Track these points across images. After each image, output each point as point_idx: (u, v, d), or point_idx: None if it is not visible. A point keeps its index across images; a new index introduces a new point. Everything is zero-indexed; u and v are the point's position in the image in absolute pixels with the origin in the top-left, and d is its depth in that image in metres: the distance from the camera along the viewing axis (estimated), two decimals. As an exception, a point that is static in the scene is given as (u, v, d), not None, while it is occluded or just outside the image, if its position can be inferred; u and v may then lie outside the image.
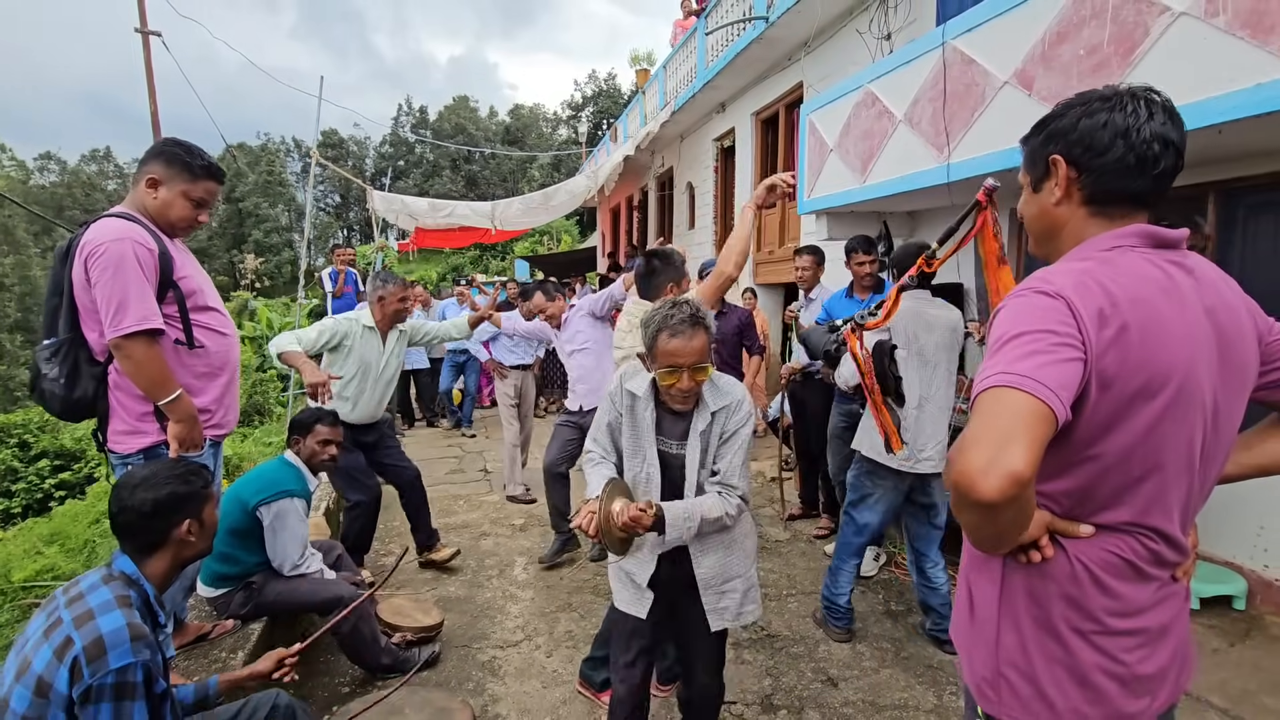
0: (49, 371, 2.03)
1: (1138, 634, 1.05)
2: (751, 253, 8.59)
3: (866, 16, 5.88)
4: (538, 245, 25.57)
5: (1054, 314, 0.96)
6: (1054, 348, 0.93)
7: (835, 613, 3.11)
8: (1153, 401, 0.97)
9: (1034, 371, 0.90)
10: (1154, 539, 1.03)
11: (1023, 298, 1.01)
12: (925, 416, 2.87)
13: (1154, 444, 0.99)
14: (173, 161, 2.15)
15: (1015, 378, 0.90)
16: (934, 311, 2.92)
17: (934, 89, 3.87)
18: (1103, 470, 1.00)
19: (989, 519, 0.92)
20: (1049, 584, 1.05)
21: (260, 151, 46.17)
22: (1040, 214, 1.17)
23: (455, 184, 44.25)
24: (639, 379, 1.95)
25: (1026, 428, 0.87)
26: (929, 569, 3.06)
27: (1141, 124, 1.04)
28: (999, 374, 0.92)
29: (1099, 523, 1.03)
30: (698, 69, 9.16)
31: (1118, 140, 1.05)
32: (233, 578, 2.59)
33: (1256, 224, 3.42)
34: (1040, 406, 0.88)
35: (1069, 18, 2.99)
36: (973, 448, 0.88)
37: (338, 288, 8.07)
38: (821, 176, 5.20)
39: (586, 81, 50.36)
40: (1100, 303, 0.96)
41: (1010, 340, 0.96)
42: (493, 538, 4.53)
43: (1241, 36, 2.35)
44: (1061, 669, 1.05)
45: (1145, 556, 1.03)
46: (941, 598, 3.05)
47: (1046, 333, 0.94)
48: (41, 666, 1.33)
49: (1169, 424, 0.98)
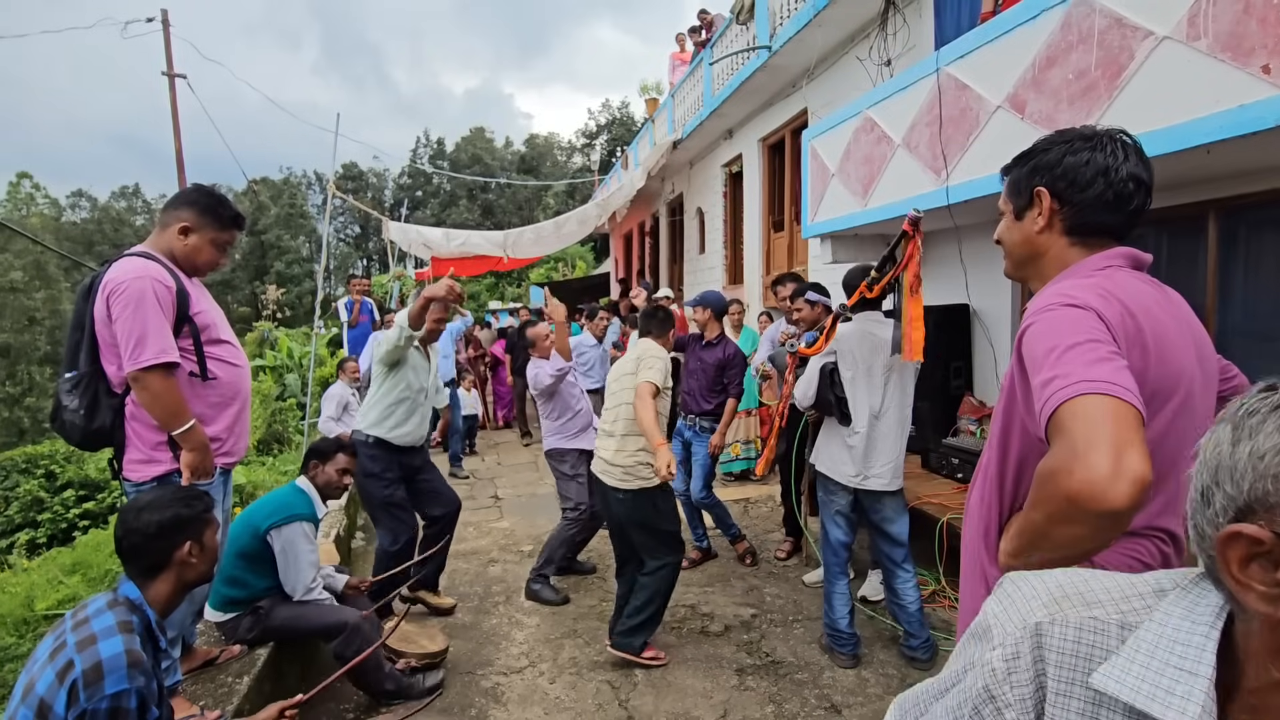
0: (69, 403, 2.13)
1: None
2: (761, 277, 8.66)
3: (867, 44, 5.99)
4: (553, 271, 25.84)
5: (1092, 323, 0.99)
6: (1112, 355, 0.95)
7: (838, 639, 3.10)
8: (1167, 405, 1.02)
9: (1112, 377, 0.91)
10: (1165, 541, 1.06)
11: (1055, 311, 1.03)
12: (877, 434, 2.95)
13: (1170, 445, 1.02)
14: (205, 211, 2.30)
15: (1100, 385, 0.90)
16: (884, 333, 2.99)
17: (930, 114, 3.93)
18: None
19: (1106, 528, 0.90)
20: None
21: (283, 185, 47.39)
22: (1023, 240, 1.23)
23: (472, 213, 45.03)
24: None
25: (1134, 431, 0.87)
26: (897, 584, 3.10)
27: (1120, 164, 1.12)
28: (1082, 382, 0.91)
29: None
30: (704, 97, 9.34)
31: (1099, 178, 1.12)
32: (241, 601, 2.64)
33: (1260, 241, 3.40)
34: (1135, 411, 0.89)
35: (1057, 43, 3.05)
36: (1091, 455, 0.86)
37: (353, 317, 8.23)
38: (824, 201, 5.27)
39: (600, 110, 51.19)
40: (1120, 312, 1.01)
41: (1068, 350, 0.96)
42: (500, 564, 4.55)
43: (1223, 59, 2.38)
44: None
45: (1158, 559, 1.06)
46: (909, 614, 3.07)
47: (1097, 342, 0.96)
48: (44, 689, 1.38)
49: (1180, 425, 1.03)
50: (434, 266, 11.96)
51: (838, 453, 3.01)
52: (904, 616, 3.11)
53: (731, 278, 10.14)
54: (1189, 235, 3.57)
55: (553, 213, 38.09)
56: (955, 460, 4.37)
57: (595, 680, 3.05)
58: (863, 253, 5.43)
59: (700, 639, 3.39)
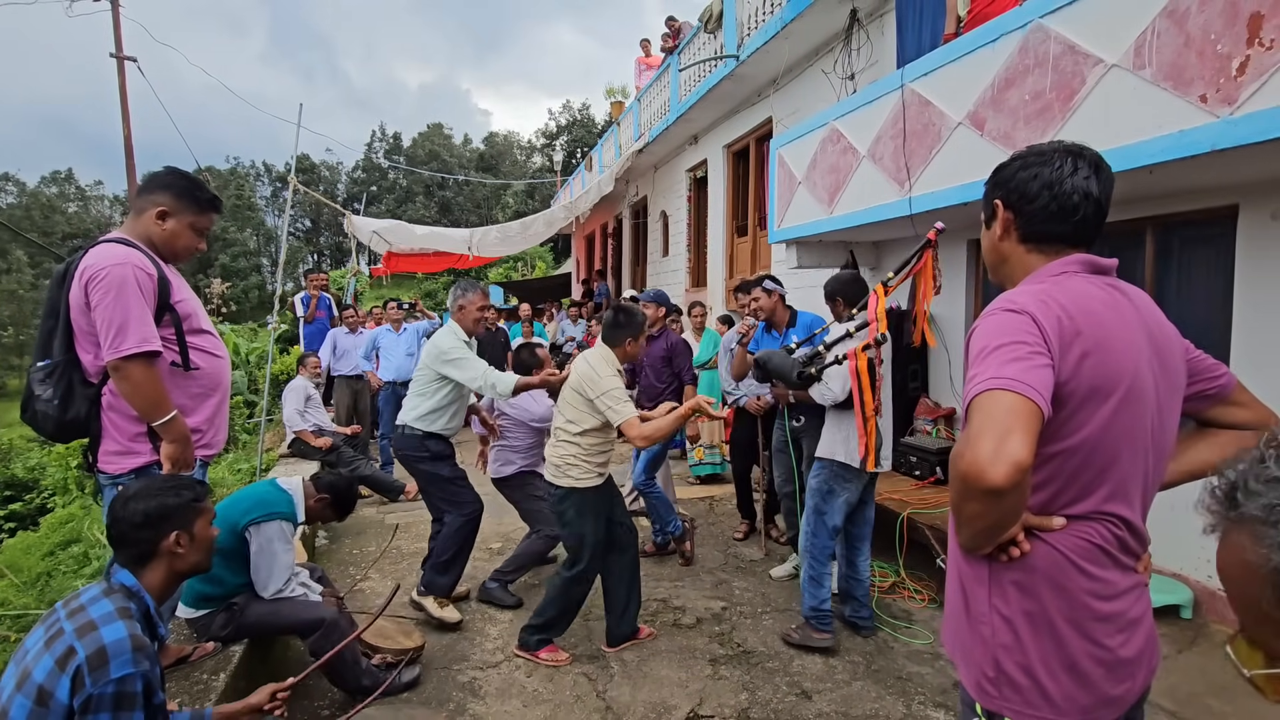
0: (42, 393, 2.06)
1: (1118, 619, 1.15)
2: (725, 280, 8.82)
3: (831, 58, 6.20)
4: (512, 271, 25.65)
5: (1022, 327, 1.11)
6: (1030, 355, 1.07)
7: (823, 618, 3.21)
8: (1108, 400, 1.12)
9: (1019, 375, 1.04)
10: (1118, 525, 1.16)
11: (994, 316, 1.17)
12: (884, 424, 3.15)
13: (1111, 438, 1.13)
14: (183, 195, 2.24)
15: (1004, 380, 1.04)
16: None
17: (894, 127, 4.11)
18: (1069, 463, 1.14)
19: (994, 505, 1.03)
20: (1034, 575, 1.15)
21: (229, 175, 45.66)
22: (990, 247, 1.37)
23: (429, 210, 44.25)
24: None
25: (1022, 422, 1.00)
26: (859, 561, 3.39)
27: (1065, 178, 1.23)
28: (989, 379, 1.06)
29: (1070, 514, 1.15)
30: (671, 102, 9.47)
31: (1044, 191, 1.24)
32: (216, 598, 2.59)
33: (1191, 256, 3.69)
34: (1029, 404, 1.02)
35: (1015, 65, 3.25)
36: (978, 441, 1.00)
37: (309, 312, 8.05)
38: (790, 208, 5.43)
39: (561, 111, 51.03)
40: (1058, 315, 1.12)
41: (992, 351, 1.10)
42: (471, 561, 4.53)
43: (1165, 88, 2.59)
44: (1054, 658, 1.15)
45: (1113, 542, 1.16)
46: (864, 588, 3.40)
47: (1019, 344, 1.09)
48: (43, 676, 1.36)
49: (1123, 419, 1.13)
50: (388, 262, 11.77)
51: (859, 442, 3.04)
52: (859, 590, 3.39)
53: (695, 280, 10.29)
54: (1129, 248, 3.84)
55: (512, 212, 37.68)
56: (914, 459, 4.58)
57: (572, 673, 3.09)
58: (826, 258, 5.62)
59: (674, 631, 3.47)
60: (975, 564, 1.24)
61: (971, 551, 1.22)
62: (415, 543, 4.87)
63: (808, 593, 3.25)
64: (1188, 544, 3.52)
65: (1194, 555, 3.48)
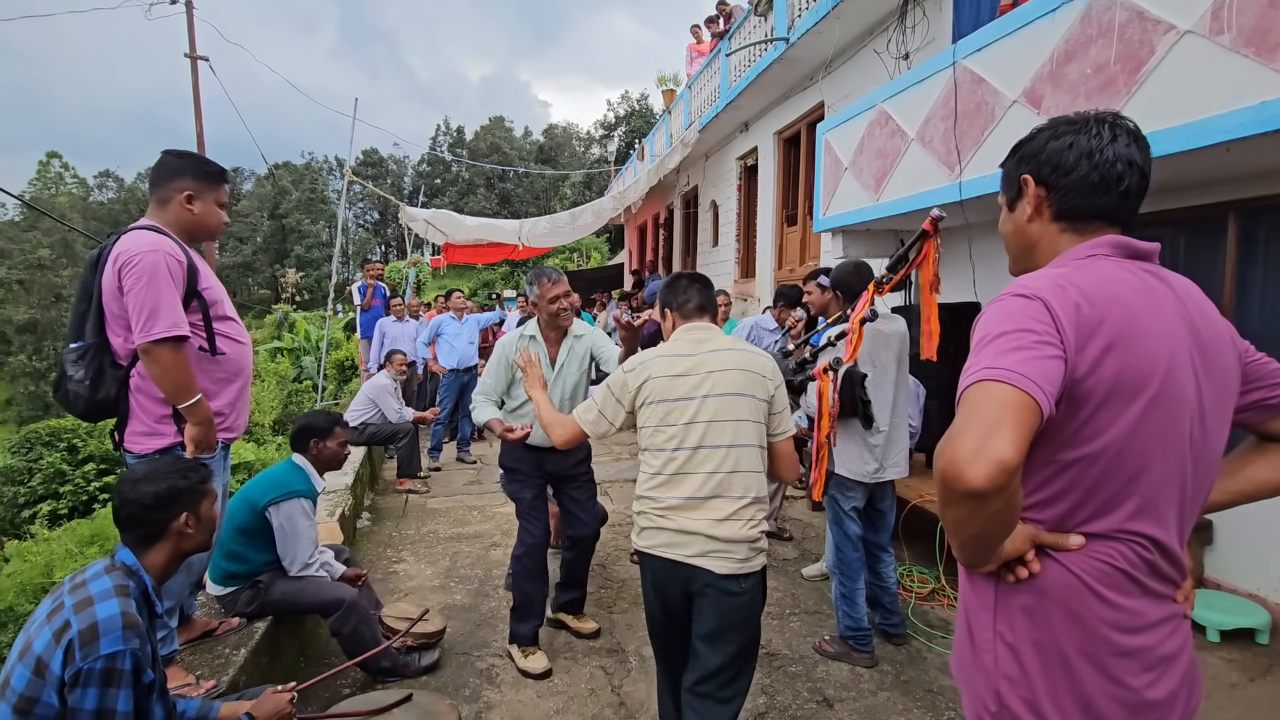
0: (75, 374, 2.16)
1: (1144, 654, 1.01)
2: (773, 271, 8.61)
3: (885, 37, 5.92)
4: (567, 261, 25.89)
5: (1031, 313, 0.98)
6: (1035, 345, 0.94)
7: (861, 637, 3.03)
8: (1135, 401, 0.97)
9: (1017, 365, 0.92)
10: (1146, 547, 1.00)
11: (1002, 301, 1.04)
12: (894, 428, 3.01)
13: (1139, 444, 0.98)
14: (202, 175, 2.31)
15: (998, 371, 0.92)
16: (888, 328, 3.00)
17: (945, 108, 3.88)
18: (1088, 473, 0.99)
19: (976, 511, 0.90)
20: (1046, 601, 1.02)
21: (304, 170, 47.84)
22: (1016, 231, 1.22)
23: (489, 201, 45.18)
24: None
25: (1012, 417, 0.88)
26: (881, 567, 3.20)
27: (1105, 145, 1.09)
28: (982, 369, 0.94)
29: (1089, 531, 1.01)
30: (721, 89, 9.27)
31: (1082, 160, 1.09)
32: (241, 576, 2.69)
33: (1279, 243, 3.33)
34: (1024, 397, 0.89)
35: (1076, 37, 2.99)
36: (959, 437, 0.89)
37: (365, 301, 8.31)
38: (837, 195, 5.22)
39: (620, 101, 51.04)
40: (1076, 301, 0.98)
41: (992, 340, 0.98)
42: (503, 548, 4.57)
43: (1246, 54, 2.32)
44: (1066, 696, 1.01)
45: (1140, 566, 1.01)
46: (890, 594, 3.23)
47: (1025, 331, 0.96)
48: (41, 648, 1.42)
49: (1153, 424, 0.98)
50: (446, 253, 12.04)
51: (857, 453, 2.96)
52: (885, 597, 3.22)
53: (744, 271, 10.09)
54: (1207, 236, 3.50)
55: (569, 203, 38.04)
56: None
57: (589, 665, 3.07)
58: (874, 247, 5.39)
59: (696, 629, 3.39)
60: (980, 584, 1.10)
61: (970, 567, 1.09)
62: (453, 527, 4.97)
63: (841, 611, 3.09)
64: (1265, 562, 3.21)
65: (1272, 574, 3.16)
